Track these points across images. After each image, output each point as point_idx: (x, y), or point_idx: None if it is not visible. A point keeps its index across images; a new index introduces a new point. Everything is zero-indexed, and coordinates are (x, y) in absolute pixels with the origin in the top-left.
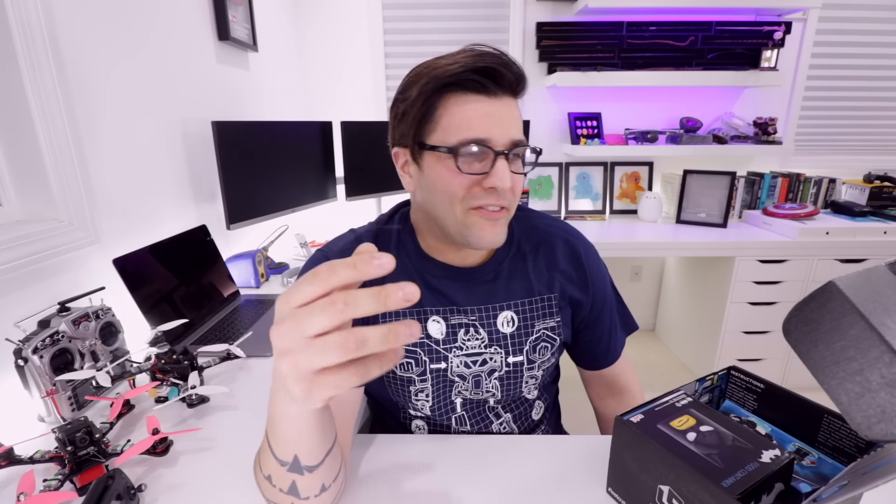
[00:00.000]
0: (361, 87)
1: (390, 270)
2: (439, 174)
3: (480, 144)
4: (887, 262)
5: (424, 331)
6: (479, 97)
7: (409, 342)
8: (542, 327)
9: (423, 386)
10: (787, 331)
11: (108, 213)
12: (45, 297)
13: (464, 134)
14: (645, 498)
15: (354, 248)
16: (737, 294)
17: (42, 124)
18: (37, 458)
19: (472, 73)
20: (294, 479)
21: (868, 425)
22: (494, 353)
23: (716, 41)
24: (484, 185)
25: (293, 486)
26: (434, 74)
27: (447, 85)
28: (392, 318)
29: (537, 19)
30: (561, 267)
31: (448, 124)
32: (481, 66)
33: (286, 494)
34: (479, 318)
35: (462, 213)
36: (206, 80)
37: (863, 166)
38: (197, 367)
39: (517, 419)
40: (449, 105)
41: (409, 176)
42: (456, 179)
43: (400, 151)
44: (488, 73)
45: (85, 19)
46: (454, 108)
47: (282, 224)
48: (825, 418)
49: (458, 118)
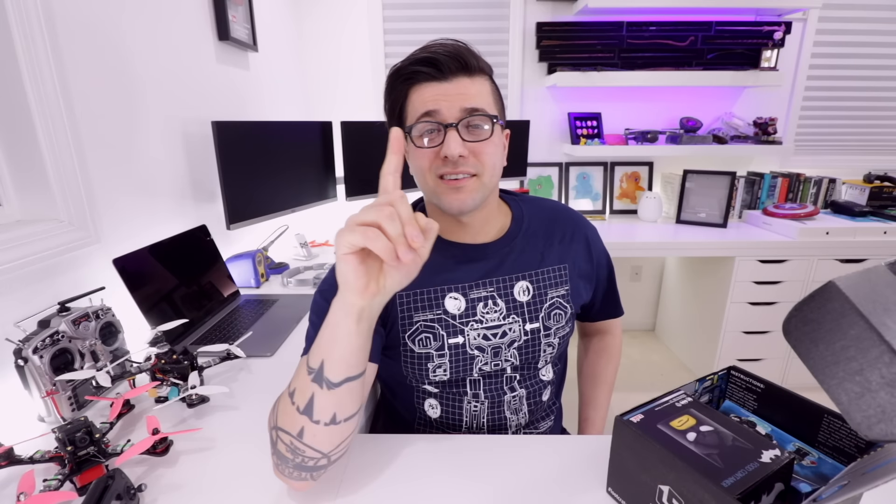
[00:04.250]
0: (361, 87)
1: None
2: (411, 153)
3: (430, 119)
4: (887, 262)
5: (442, 307)
6: (431, 83)
7: (416, 239)
8: (555, 295)
9: (441, 361)
10: (787, 331)
11: (108, 213)
12: (45, 297)
13: (418, 113)
14: (645, 498)
15: None
16: (737, 294)
17: (42, 124)
18: (37, 458)
19: (417, 64)
20: (314, 391)
21: (868, 425)
22: (513, 323)
23: (716, 41)
24: (440, 156)
25: (310, 403)
26: (392, 72)
27: (406, 79)
28: (410, 295)
29: (537, 19)
30: (568, 241)
31: (411, 110)
32: (424, 57)
33: (301, 414)
34: (496, 289)
35: (433, 182)
36: (206, 80)
37: (863, 166)
38: (197, 367)
39: (530, 396)
40: (410, 95)
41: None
42: (419, 153)
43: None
44: (432, 62)
45: (85, 19)
46: (413, 95)
47: (282, 224)
48: (825, 418)
49: (416, 103)
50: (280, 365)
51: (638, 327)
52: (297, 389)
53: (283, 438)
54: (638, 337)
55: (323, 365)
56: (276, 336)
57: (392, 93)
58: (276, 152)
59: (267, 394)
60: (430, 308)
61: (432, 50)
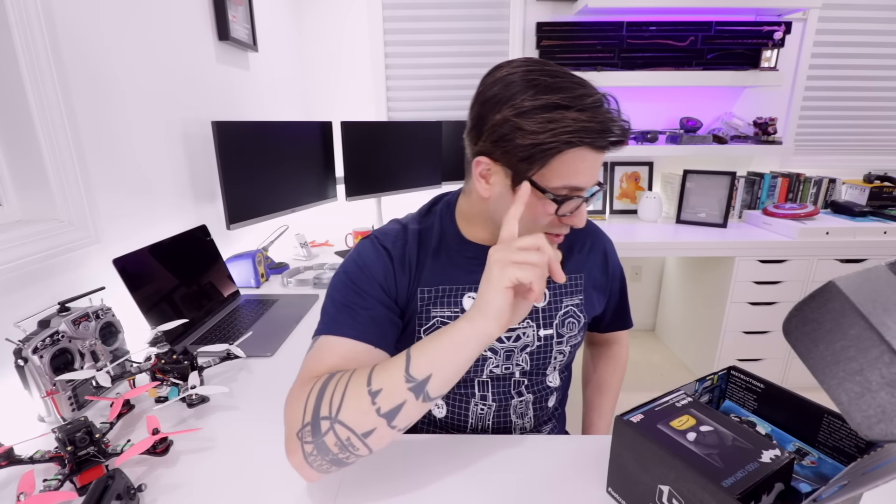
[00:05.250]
0: (361, 87)
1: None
2: (531, 207)
3: (580, 194)
4: (887, 262)
5: (460, 305)
6: (593, 153)
7: (561, 279)
8: (570, 303)
9: None
10: (787, 331)
11: (108, 213)
12: (45, 297)
13: (568, 182)
14: (645, 498)
15: (404, 237)
16: (737, 294)
17: (42, 124)
18: (37, 458)
19: (601, 133)
20: (407, 399)
21: (868, 425)
22: (527, 328)
23: (716, 41)
24: (563, 221)
25: (397, 409)
26: (577, 129)
27: (573, 134)
28: (432, 291)
29: (537, 19)
30: (587, 252)
31: (558, 170)
32: (606, 126)
33: (380, 416)
34: None
35: (535, 231)
36: (207, 80)
37: (863, 166)
38: (197, 367)
39: (536, 402)
40: (566, 156)
41: (490, 185)
42: (545, 216)
43: (488, 162)
44: (607, 132)
45: (85, 19)
46: (571, 159)
47: (282, 224)
48: (825, 418)
49: (569, 168)
50: (280, 365)
51: (638, 327)
52: (384, 391)
53: (340, 433)
54: (638, 337)
55: (429, 379)
56: (276, 336)
57: (545, 133)
58: (276, 152)
59: (267, 394)
60: (448, 305)
61: (612, 119)
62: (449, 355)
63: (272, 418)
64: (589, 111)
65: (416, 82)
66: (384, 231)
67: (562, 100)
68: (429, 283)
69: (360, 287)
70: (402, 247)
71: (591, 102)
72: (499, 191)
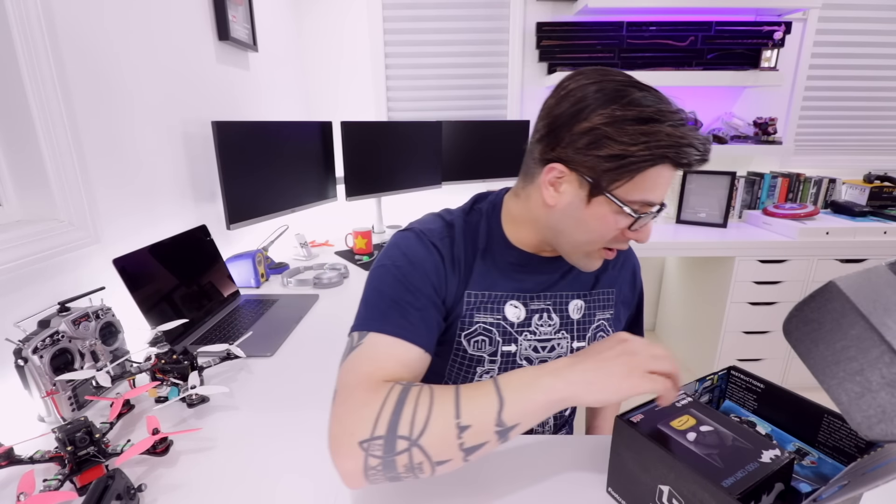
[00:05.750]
0: (361, 87)
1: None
2: (603, 219)
3: (653, 210)
4: (887, 262)
5: (502, 313)
6: (673, 170)
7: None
8: (601, 318)
9: (491, 367)
10: (787, 331)
11: (108, 213)
12: (45, 297)
13: (648, 197)
14: (645, 498)
15: (448, 234)
16: (737, 294)
17: (42, 124)
18: (37, 458)
19: (692, 153)
20: (489, 441)
21: (868, 425)
22: (562, 339)
23: (716, 41)
24: (629, 236)
25: (477, 447)
26: (670, 144)
27: (667, 149)
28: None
29: (537, 19)
30: (619, 268)
31: (640, 184)
32: (696, 146)
33: (461, 450)
34: (553, 303)
35: (595, 249)
36: (207, 80)
37: (863, 166)
38: (197, 367)
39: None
40: (653, 170)
41: (558, 194)
42: (615, 230)
43: (562, 170)
44: (691, 152)
45: (85, 19)
46: (655, 174)
47: (282, 224)
48: (825, 418)
49: (650, 183)
50: (280, 365)
51: None
52: (472, 428)
53: (416, 457)
54: None
55: (515, 427)
56: (276, 336)
57: (638, 145)
58: (276, 152)
59: (267, 394)
60: (491, 312)
61: (698, 138)
62: (540, 413)
63: (272, 418)
64: (680, 127)
65: (416, 82)
66: (427, 226)
67: (655, 113)
68: (476, 287)
69: (411, 283)
70: (451, 245)
71: (679, 119)
72: (568, 200)
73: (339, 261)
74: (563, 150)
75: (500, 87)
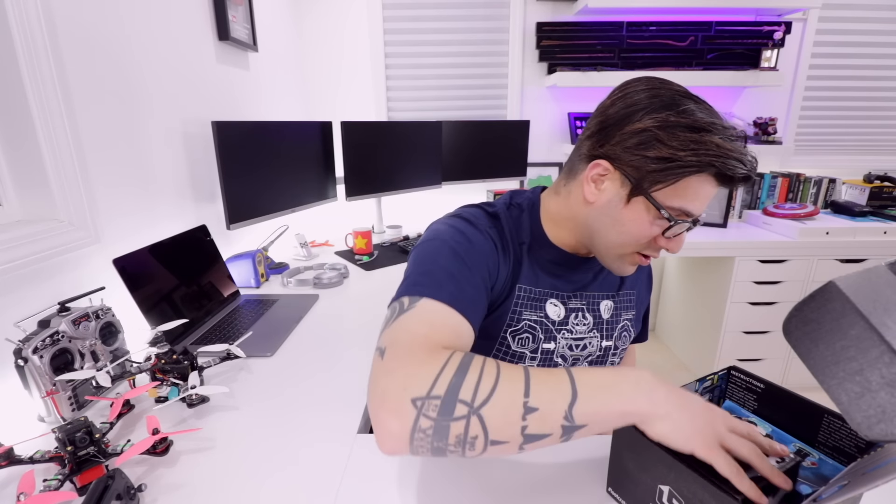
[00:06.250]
0: (361, 87)
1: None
2: (639, 221)
3: (686, 218)
4: (887, 262)
5: (544, 310)
6: (716, 184)
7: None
8: (625, 318)
9: (532, 364)
10: (787, 331)
11: (108, 213)
12: (45, 297)
13: (687, 206)
14: (645, 498)
15: (495, 225)
16: (737, 294)
17: (42, 124)
18: (37, 458)
19: (740, 168)
20: (553, 433)
21: (868, 425)
22: (593, 338)
23: (716, 41)
24: (660, 243)
25: (538, 437)
26: (718, 155)
27: (715, 157)
28: (526, 291)
29: (537, 19)
30: (638, 270)
31: (682, 191)
32: (744, 161)
33: (521, 435)
34: (587, 303)
35: (628, 252)
36: (207, 80)
37: (863, 166)
38: (197, 367)
39: None
40: (696, 178)
41: (599, 191)
42: (649, 234)
43: (607, 167)
44: (742, 167)
45: (84, 19)
46: (697, 183)
47: (282, 224)
48: (825, 418)
49: (692, 192)
50: (280, 365)
51: None
52: (540, 412)
53: (472, 428)
54: None
55: (581, 429)
56: (276, 336)
57: (687, 151)
58: (276, 152)
59: (267, 394)
60: (535, 309)
61: (746, 155)
62: (611, 422)
63: (272, 418)
64: (730, 141)
65: (416, 82)
66: (472, 214)
67: (707, 125)
68: (525, 281)
69: (469, 259)
70: (500, 234)
71: (731, 134)
72: (607, 198)
73: (339, 261)
74: (611, 148)
75: (500, 87)
